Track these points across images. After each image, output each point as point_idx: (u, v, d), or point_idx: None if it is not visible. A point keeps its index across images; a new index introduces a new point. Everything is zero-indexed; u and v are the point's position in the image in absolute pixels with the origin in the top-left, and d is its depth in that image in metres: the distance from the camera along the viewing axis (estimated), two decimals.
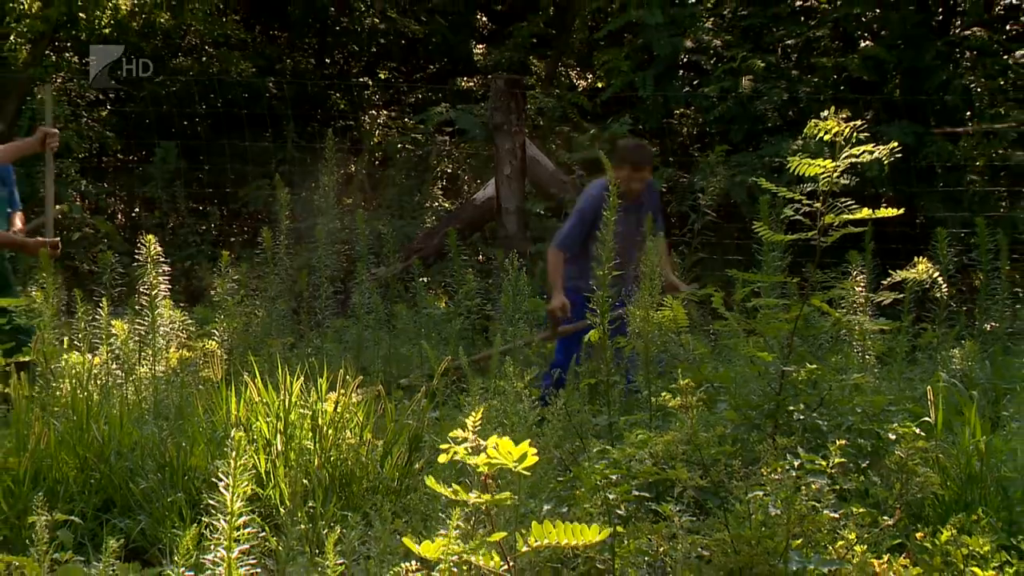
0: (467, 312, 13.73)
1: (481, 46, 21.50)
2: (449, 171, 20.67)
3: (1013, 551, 7.86)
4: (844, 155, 8.41)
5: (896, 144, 8.10)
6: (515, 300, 12.58)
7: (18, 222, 11.92)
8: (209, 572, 5.24)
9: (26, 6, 19.71)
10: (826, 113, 8.27)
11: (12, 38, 19.72)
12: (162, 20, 20.00)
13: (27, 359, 9.54)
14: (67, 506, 7.90)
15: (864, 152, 8.09)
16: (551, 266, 10.85)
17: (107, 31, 19.97)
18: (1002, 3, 21.42)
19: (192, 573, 5.43)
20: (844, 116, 8.29)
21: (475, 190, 18.02)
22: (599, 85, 19.51)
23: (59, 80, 19.92)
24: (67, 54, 20.42)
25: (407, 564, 5.84)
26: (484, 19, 21.80)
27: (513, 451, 5.67)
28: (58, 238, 10.94)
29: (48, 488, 8.10)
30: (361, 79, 22.03)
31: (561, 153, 17.65)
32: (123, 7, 19.80)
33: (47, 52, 20.08)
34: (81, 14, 19.84)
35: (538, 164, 16.11)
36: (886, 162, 8.23)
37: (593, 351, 10.26)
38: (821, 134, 8.28)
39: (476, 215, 16.79)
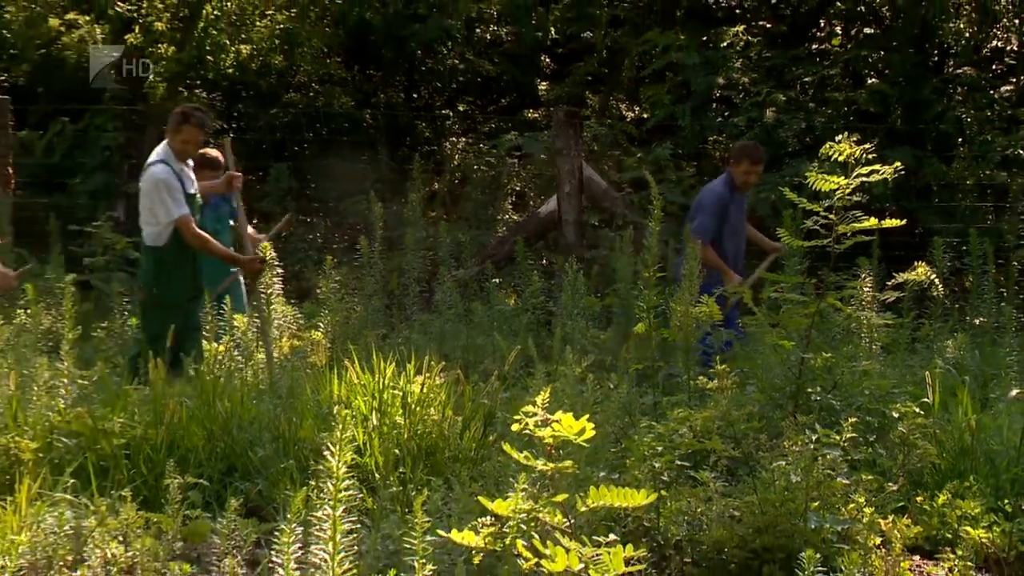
0: (532, 308, 13.70)
1: (544, 83, 21.43)
2: (517, 188, 20.63)
3: (1000, 513, 7.87)
4: (855, 174, 8.39)
5: (899, 165, 8.12)
6: (574, 298, 12.54)
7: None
8: (316, 527, 5.22)
9: (163, 50, 19.74)
10: (840, 138, 8.27)
11: (152, 77, 19.76)
12: (276, 62, 20.02)
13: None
14: (196, 471, 7.91)
15: (873, 171, 8.09)
16: (709, 258, 10.70)
17: (230, 71, 20.01)
18: (989, 47, 21.28)
19: (302, 528, 5.41)
20: (855, 140, 8.28)
21: (539, 205, 17.96)
22: (644, 116, 19.44)
23: (198, 91, 19.91)
24: (197, 90, 20.39)
25: (483, 519, 5.81)
26: (547, 60, 21.73)
27: (574, 425, 5.66)
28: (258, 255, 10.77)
29: (180, 456, 8.13)
30: (443, 111, 21.99)
31: (612, 173, 17.59)
32: (243, 51, 19.82)
33: (180, 88, 20.09)
34: (209, 57, 19.89)
35: (593, 182, 16.06)
36: (890, 180, 8.20)
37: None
38: (836, 156, 8.26)
39: (540, 226, 16.75)
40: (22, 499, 7.28)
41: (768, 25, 21.99)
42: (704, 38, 20.07)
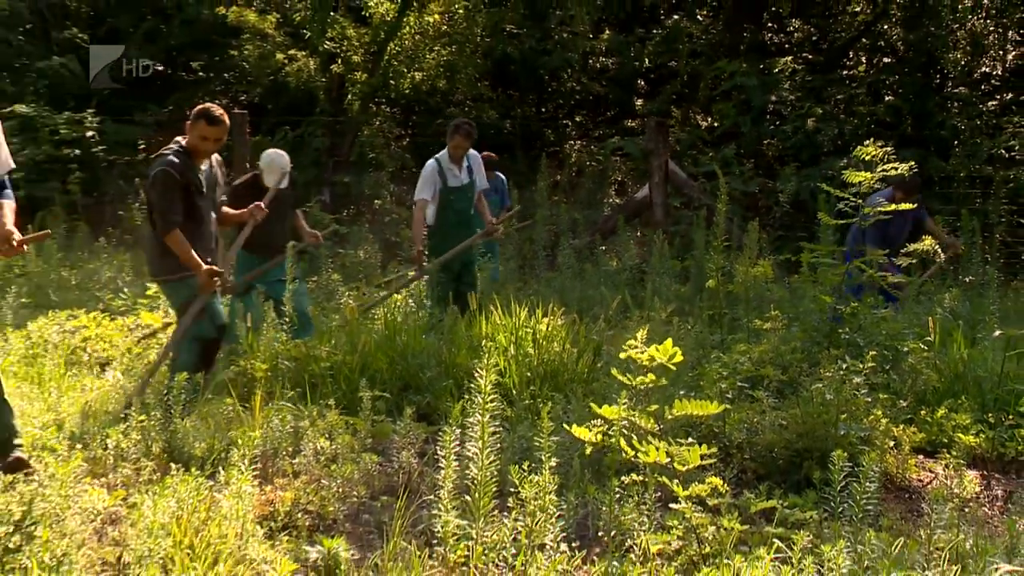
0: (629, 268, 13.66)
1: (640, 100, 21.29)
2: (619, 179, 20.51)
3: (985, 423, 7.82)
4: (880, 169, 8.31)
5: (913, 164, 8.17)
6: (660, 261, 12.48)
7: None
8: (469, 430, 5.22)
9: (359, 76, 19.76)
10: (868, 143, 8.34)
11: (349, 97, 19.80)
12: (440, 85, 20.00)
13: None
14: (381, 387, 7.98)
15: (892, 167, 8.07)
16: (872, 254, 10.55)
17: (407, 91, 20.03)
18: (979, 72, 20.98)
19: (459, 430, 5.40)
20: (879, 145, 8.26)
21: (636, 191, 17.81)
22: (715, 124, 19.25)
23: (378, 122, 19.96)
24: (383, 107, 20.41)
25: (594, 422, 5.79)
26: (642, 82, 21.60)
27: (668, 351, 5.66)
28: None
29: (370, 376, 8.21)
30: (564, 121, 21.90)
31: (690, 167, 17.44)
32: (416, 77, 19.84)
33: (370, 105, 20.13)
34: (391, 81, 19.90)
35: (675, 174, 15.95)
36: (906, 174, 8.12)
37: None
38: (864, 156, 8.24)
39: (636, 207, 16.64)
40: (255, 406, 7.35)
41: (809, 56, 21.73)
42: (761, 66, 19.84)
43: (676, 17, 20.95)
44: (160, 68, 20.79)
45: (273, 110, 20.49)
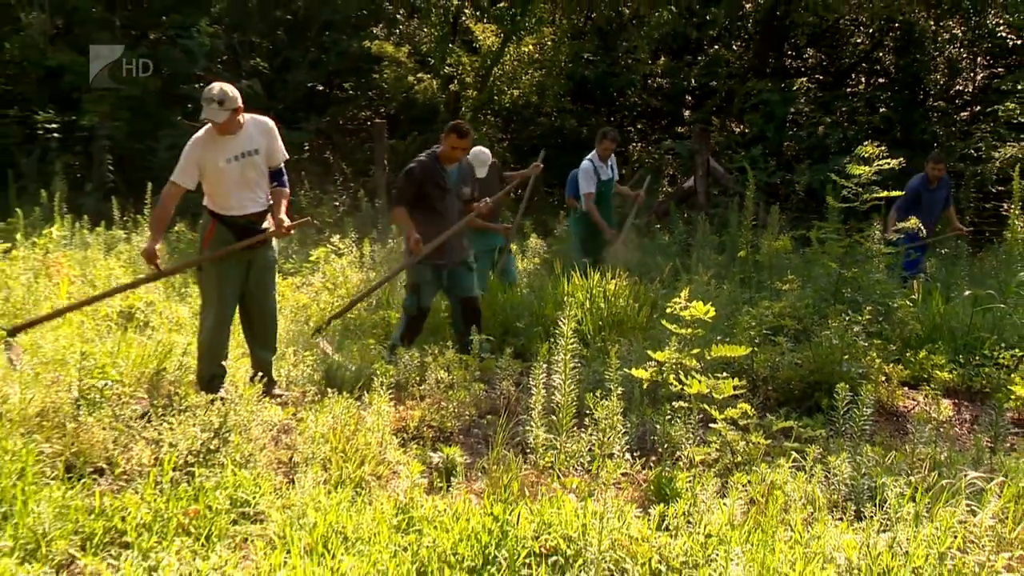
0: (679, 242, 13.55)
1: (688, 111, 21.10)
2: (671, 173, 20.32)
3: (956, 363, 7.76)
4: (876, 165, 8.21)
5: (902, 160, 8.06)
6: (702, 236, 12.36)
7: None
8: (555, 365, 5.23)
9: (471, 93, 19.78)
10: (866, 144, 8.27)
11: (463, 109, 19.83)
12: (533, 100, 19.91)
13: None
14: (487, 331, 7.94)
15: (885, 163, 7.97)
16: (891, 223, 10.46)
17: (507, 105, 19.99)
18: (954, 89, 20.68)
19: (546, 365, 5.40)
20: (876, 146, 8.16)
21: (683, 181, 17.63)
22: (746, 130, 19.04)
23: (484, 128, 19.93)
24: (489, 116, 20.37)
25: (649, 363, 5.76)
26: (689, 97, 21.42)
27: (702, 309, 5.58)
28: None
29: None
30: (628, 128, 21.74)
31: (726, 164, 17.28)
32: (515, 94, 19.79)
33: (479, 116, 20.09)
34: (495, 97, 19.87)
35: (715, 169, 15.81)
36: (896, 169, 8.00)
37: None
38: (863, 154, 8.16)
39: (684, 194, 16.47)
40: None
41: (820, 77, 21.48)
42: (782, 85, 19.61)
43: (716, 47, 20.71)
44: (320, 88, 20.91)
45: (405, 120, 20.51)
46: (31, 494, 4.27)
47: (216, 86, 6.46)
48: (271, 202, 6.81)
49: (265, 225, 6.80)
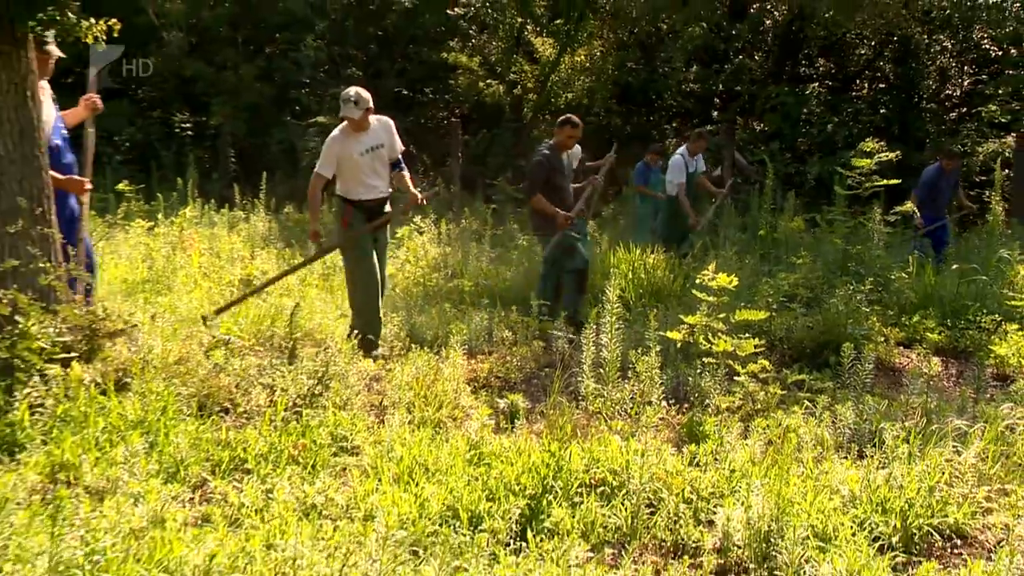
0: (709, 222, 13.36)
1: (716, 112, 20.78)
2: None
3: (944, 326, 7.69)
4: (876, 157, 8.08)
5: (898, 153, 7.98)
6: (728, 218, 12.14)
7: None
8: (602, 327, 5.21)
9: (531, 96, 19.69)
10: (868, 139, 8.15)
11: (525, 110, 19.74)
12: (584, 102, 19.68)
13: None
14: (535, 302, 7.84)
15: (885, 156, 7.87)
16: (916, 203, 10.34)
17: (561, 106, 19.81)
18: (943, 94, 20.32)
19: (595, 326, 5.38)
20: (877, 142, 8.04)
21: (712, 171, 17.45)
22: (765, 128, 18.75)
23: (543, 126, 19.78)
24: (546, 116, 20.14)
25: (682, 326, 5.72)
26: (718, 100, 21.08)
27: (727, 279, 5.53)
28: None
29: (527, 292, 8.09)
30: (665, 126, 21.46)
31: (749, 156, 17.01)
32: (568, 96, 19.64)
33: (538, 116, 19.97)
34: (551, 99, 19.75)
35: (740, 161, 15.52)
36: (894, 161, 7.90)
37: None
38: (866, 148, 8.04)
39: (714, 182, 16.32)
40: (466, 310, 7.43)
41: (829, 83, 21.08)
42: (796, 89, 19.29)
43: (741, 57, 20.35)
44: (405, 92, 20.84)
45: (476, 119, 20.43)
46: (171, 428, 4.36)
47: (352, 89, 6.64)
48: (391, 190, 6.95)
49: (387, 209, 6.93)
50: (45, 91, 5.60)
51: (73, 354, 4.84)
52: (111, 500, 3.54)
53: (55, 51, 5.59)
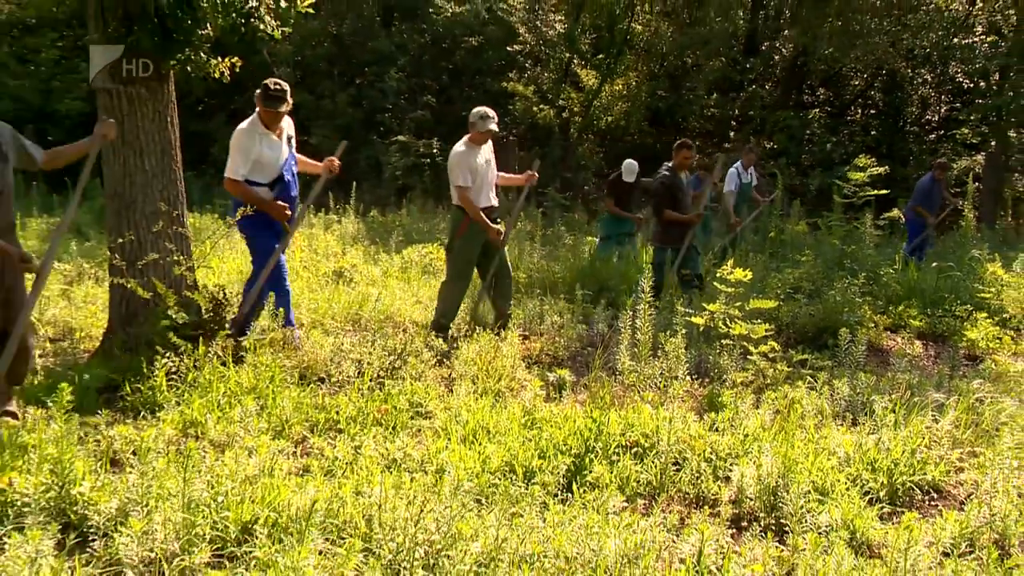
0: (726, 227, 13.20)
1: (733, 133, 20.45)
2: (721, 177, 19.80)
3: (925, 314, 7.50)
4: (868, 171, 7.90)
5: (887, 167, 7.85)
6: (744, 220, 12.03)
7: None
8: (637, 312, 5.17)
9: (576, 117, 19.58)
10: (861, 156, 8.07)
11: (571, 130, 19.61)
12: (622, 123, 19.49)
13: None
14: (586, 289, 7.78)
15: (875, 170, 7.71)
16: (914, 210, 10.08)
17: (603, 126, 19.65)
18: (924, 118, 20.00)
19: (631, 312, 5.34)
20: (868, 159, 7.89)
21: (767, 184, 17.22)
22: (775, 145, 18.43)
23: (586, 144, 19.61)
24: (590, 135, 19.98)
25: (704, 313, 5.66)
26: (734, 123, 20.76)
27: (742, 273, 5.46)
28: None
29: (580, 282, 7.96)
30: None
31: (760, 171, 16.76)
32: (608, 119, 19.46)
33: (583, 134, 19.78)
34: (594, 122, 19.63)
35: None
36: (883, 175, 7.72)
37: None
38: (860, 163, 7.87)
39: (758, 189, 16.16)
40: (520, 299, 7.40)
41: (828, 108, 20.71)
42: (801, 114, 18.99)
43: (754, 87, 20.10)
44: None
45: (529, 139, 20.37)
46: (278, 393, 4.41)
47: (483, 108, 6.22)
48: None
49: (497, 217, 6.46)
50: (283, 132, 5.53)
51: (200, 332, 4.92)
52: (230, 452, 3.60)
53: (283, 108, 5.39)
